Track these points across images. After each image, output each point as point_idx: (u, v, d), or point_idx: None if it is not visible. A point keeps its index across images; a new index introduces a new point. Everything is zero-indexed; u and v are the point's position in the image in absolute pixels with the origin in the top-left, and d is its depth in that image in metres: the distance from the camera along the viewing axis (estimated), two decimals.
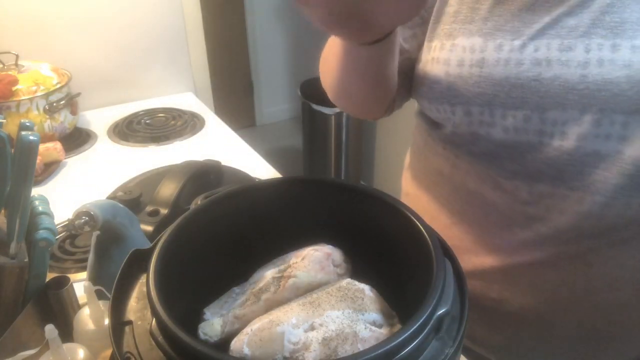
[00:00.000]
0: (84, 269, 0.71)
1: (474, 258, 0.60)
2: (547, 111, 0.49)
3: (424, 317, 0.32)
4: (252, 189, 0.49)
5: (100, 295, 0.52)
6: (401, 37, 0.61)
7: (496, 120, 0.53)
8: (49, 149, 1.04)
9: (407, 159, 0.74)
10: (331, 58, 0.60)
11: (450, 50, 0.55)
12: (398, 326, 0.39)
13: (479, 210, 0.59)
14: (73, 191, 0.99)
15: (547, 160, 0.51)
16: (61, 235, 0.81)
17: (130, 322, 0.35)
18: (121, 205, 0.59)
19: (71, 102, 1.15)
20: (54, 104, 1.09)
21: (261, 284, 0.42)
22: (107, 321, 0.50)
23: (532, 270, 0.57)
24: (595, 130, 0.48)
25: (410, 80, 0.63)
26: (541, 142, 0.51)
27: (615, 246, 0.52)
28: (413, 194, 0.71)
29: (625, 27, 0.46)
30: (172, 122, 1.28)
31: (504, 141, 0.53)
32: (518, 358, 0.66)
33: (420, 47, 0.60)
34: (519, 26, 0.50)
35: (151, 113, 1.34)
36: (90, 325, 0.51)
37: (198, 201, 0.46)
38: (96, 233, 0.58)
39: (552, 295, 0.57)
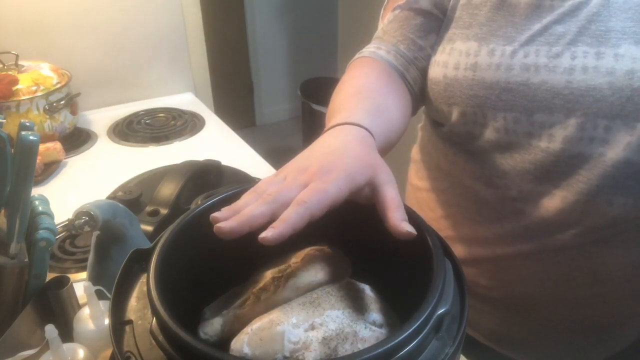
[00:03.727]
0: (84, 269, 0.71)
1: (467, 248, 0.64)
2: (535, 114, 0.52)
3: (424, 316, 0.32)
4: None
5: (100, 295, 0.52)
6: (428, 44, 0.62)
7: (488, 122, 0.55)
8: (49, 149, 1.04)
9: (414, 152, 0.77)
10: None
11: (449, 54, 0.57)
12: (398, 326, 0.39)
13: (473, 204, 0.62)
14: (73, 191, 0.99)
15: (535, 161, 0.53)
16: (61, 235, 0.81)
17: (130, 322, 0.35)
18: (121, 205, 0.59)
19: (71, 102, 1.15)
20: (54, 104, 1.09)
21: (261, 284, 0.42)
22: (107, 321, 0.50)
23: (519, 261, 0.59)
24: (580, 133, 0.50)
25: None
26: (530, 144, 0.53)
27: (598, 244, 0.54)
28: (416, 185, 0.75)
29: (609, 36, 0.48)
30: (172, 122, 1.28)
31: (496, 141, 0.55)
32: (507, 342, 0.68)
33: None
34: (511, 32, 0.53)
35: (151, 113, 1.34)
36: (90, 325, 0.51)
37: (198, 201, 0.46)
38: (96, 233, 0.58)
39: (537, 285, 0.60)
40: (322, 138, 0.46)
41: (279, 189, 0.38)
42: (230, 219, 0.36)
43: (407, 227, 0.37)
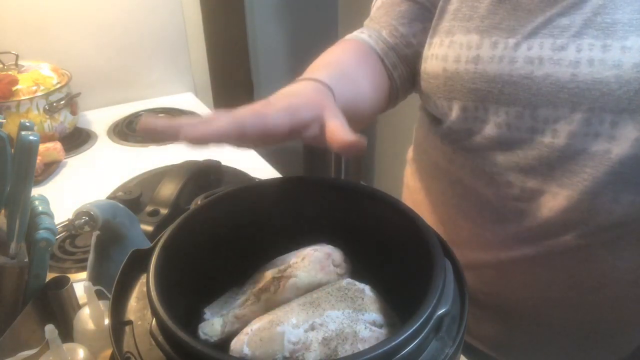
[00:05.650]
0: (84, 269, 0.71)
1: (468, 252, 0.61)
2: (538, 108, 0.50)
3: (424, 317, 0.32)
4: (252, 189, 0.49)
5: (100, 295, 0.52)
6: (411, 32, 0.62)
7: (490, 117, 0.54)
8: (49, 149, 1.04)
9: (410, 153, 0.75)
10: None
11: (448, 47, 0.56)
12: (398, 326, 0.39)
13: (473, 205, 0.60)
14: (73, 191, 0.99)
15: (538, 157, 0.52)
16: (61, 235, 0.81)
17: (130, 322, 0.35)
18: (121, 205, 0.59)
19: (71, 102, 1.15)
20: (54, 104, 1.09)
21: (261, 284, 0.42)
22: (107, 321, 0.50)
23: (523, 265, 0.58)
24: (585, 128, 0.48)
25: (416, 74, 0.64)
26: (533, 139, 0.52)
27: (604, 246, 0.53)
28: (413, 187, 0.73)
29: (616, 28, 0.46)
30: None
31: (498, 137, 0.54)
32: (508, 350, 0.67)
33: None
34: (514, 25, 0.51)
35: (151, 113, 1.34)
36: (90, 325, 0.51)
37: (198, 201, 0.46)
38: (96, 233, 0.58)
39: (542, 291, 0.58)
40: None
41: (219, 113, 0.38)
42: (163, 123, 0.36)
43: (348, 135, 0.38)
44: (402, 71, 0.64)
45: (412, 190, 0.73)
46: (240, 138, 0.36)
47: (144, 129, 0.35)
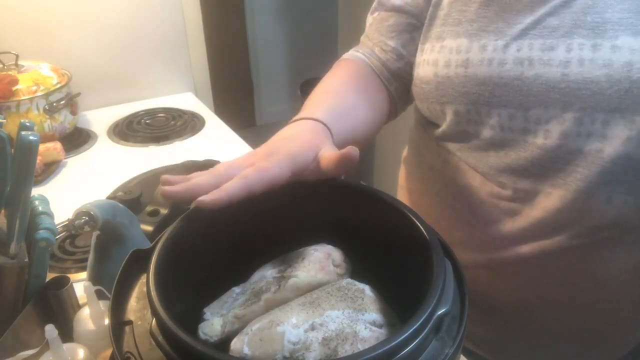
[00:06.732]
0: (84, 269, 0.71)
1: (461, 253, 0.61)
2: (530, 109, 0.50)
3: (424, 317, 0.32)
4: None
5: (100, 295, 0.52)
6: (399, 43, 0.64)
7: (483, 119, 0.54)
8: (49, 149, 1.04)
9: (405, 153, 0.76)
10: None
11: (438, 52, 0.56)
12: (398, 326, 0.39)
13: (467, 205, 0.60)
14: (73, 191, 0.99)
15: (531, 158, 0.52)
16: (61, 235, 0.81)
17: (130, 322, 0.35)
18: (121, 205, 0.59)
19: (71, 102, 1.15)
20: (54, 104, 1.09)
21: (261, 284, 0.42)
22: (107, 321, 0.50)
23: (516, 266, 0.58)
24: (577, 128, 0.49)
25: (410, 84, 0.64)
26: (525, 141, 0.52)
27: (598, 246, 0.53)
28: (407, 187, 0.73)
29: (606, 27, 0.46)
30: (172, 122, 1.28)
31: (491, 139, 0.54)
32: (502, 351, 0.66)
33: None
34: (502, 27, 0.51)
35: (151, 113, 1.34)
36: (90, 325, 0.51)
37: None
38: (96, 233, 0.58)
39: (535, 291, 0.58)
40: (281, 130, 0.50)
41: (227, 166, 0.42)
42: (178, 184, 0.40)
43: (335, 151, 0.42)
44: (397, 85, 0.66)
45: (406, 191, 0.73)
46: (248, 196, 0.40)
47: (164, 197, 0.40)
